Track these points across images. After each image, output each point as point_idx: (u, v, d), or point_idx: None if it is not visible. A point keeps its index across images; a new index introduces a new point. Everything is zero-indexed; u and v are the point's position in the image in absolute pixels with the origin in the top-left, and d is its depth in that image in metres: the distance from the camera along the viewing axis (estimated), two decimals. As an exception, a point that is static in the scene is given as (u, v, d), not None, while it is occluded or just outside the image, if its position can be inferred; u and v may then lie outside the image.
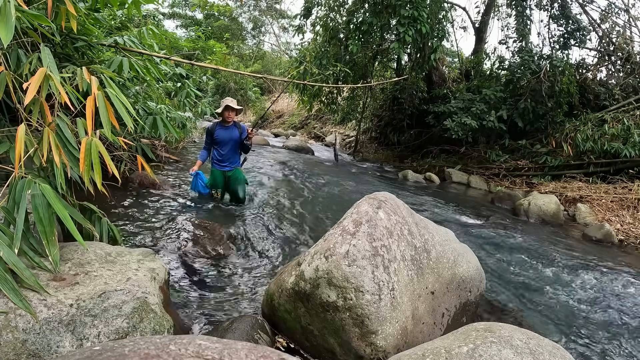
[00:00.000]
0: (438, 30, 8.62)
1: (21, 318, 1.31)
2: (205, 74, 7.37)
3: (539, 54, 9.24)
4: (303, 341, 1.98)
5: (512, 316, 2.78)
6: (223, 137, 4.12)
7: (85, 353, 0.96)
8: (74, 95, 1.93)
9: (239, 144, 4.18)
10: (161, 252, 2.90)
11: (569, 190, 7.08)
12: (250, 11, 25.88)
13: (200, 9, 24.99)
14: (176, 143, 6.97)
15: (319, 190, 5.99)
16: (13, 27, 1.59)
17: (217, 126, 4.15)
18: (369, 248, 1.85)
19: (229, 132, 4.12)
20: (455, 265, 2.28)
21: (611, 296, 3.37)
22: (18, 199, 1.54)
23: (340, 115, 12.66)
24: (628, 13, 10.17)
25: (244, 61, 23.41)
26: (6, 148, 2.01)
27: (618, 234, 5.31)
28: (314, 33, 10.61)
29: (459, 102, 9.21)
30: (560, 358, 1.37)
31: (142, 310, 1.54)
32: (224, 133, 4.12)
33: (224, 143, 4.13)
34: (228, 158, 4.19)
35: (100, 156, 1.72)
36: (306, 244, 3.52)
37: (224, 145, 4.15)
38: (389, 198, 2.18)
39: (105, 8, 4.07)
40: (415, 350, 1.48)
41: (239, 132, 4.15)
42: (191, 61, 4.02)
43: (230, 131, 4.13)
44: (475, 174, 8.91)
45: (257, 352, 1.06)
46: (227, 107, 4.08)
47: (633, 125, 7.33)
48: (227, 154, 4.17)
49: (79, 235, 1.60)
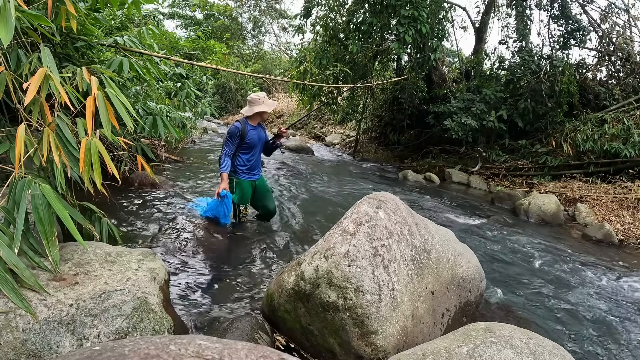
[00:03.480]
0: (438, 30, 8.62)
1: (21, 318, 1.31)
2: (205, 74, 7.37)
3: (539, 54, 9.24)
4: (303, 341, 1.98)
5: (512, 316, 2.78)
6: (254, 139, 3.47)
7: (85, 353, 0.96)
8: (74, 95, 1.93)
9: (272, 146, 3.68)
10: (161, 252, 2.90)
11: (569, 190, 7.08)
12: (250, 11, 25.89)
13: (200, 9, 25.01)
14: (176, 143, 6.97)
15: (319, 190, 5.99)
16: (13, 27, 1.59)
17: (246, 126, 3.47)
18: (369, 248, 1.85)
19: (258, 132, 3.52)
20: (455, 265, 2.28)
21: (611, 296, 3.37)
22: (18, 199, 1.54)
23: (340, 115, 12.66)
24: (628, 13, 10.17)
25: (244, 61, 23.41)
26: (6, 148, 2.01)
27: (618, 234, 5.31)
28: (314, 33, 10.62)
29: (459, 102, 9.21)
30: (560, 358, 1.37)
31: (142, 310, 1.54)
32: (254, 134, 3.48)
33: (255, 146, 3.50)
34: (257, 164, 3.60)
35: (100, 156, 1.72)
36: (306, 244, 3.52)
37: (254, 149, 3.50)
38: (389, 198, 2.18)
39: (105, 8, 4.06)
40: (415, 350, 1.48)
41: (264, 132, 3.64)
42: (191, 61, 4.02)
43: (259, 131, 3.55)
44: (475, 174, 8.91)
45: (257, 352, 1.06)
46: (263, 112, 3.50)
47: (633, 125, 7.33)
48: (257, 159, 3.57)
49: (79, 235, 1.60)
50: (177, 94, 5.87)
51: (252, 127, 3.45)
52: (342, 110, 11.67)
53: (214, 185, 5.35)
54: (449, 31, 10.52)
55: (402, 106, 10.64)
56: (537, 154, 8.47)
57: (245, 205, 3.62)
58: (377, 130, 12.73)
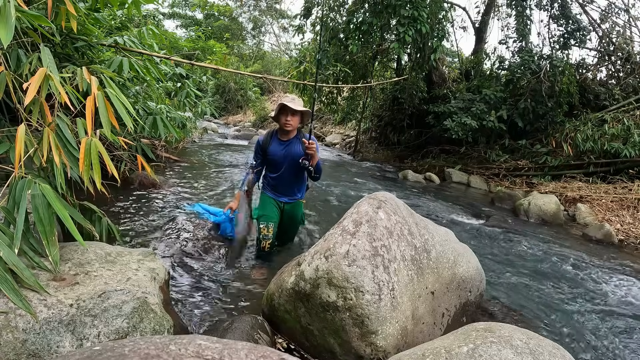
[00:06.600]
0: (438, 30, 8.63)
1: (21, 318, 1.31)
2: (205, 74, 7.37)
3: (539, 54, 9.24)
4: (303, 341, 1.98)
5: (512, 316, 2.78)
6: (278, 155, 2.81)
7: (85, 353, 0.96)
8: (74, 95, 1.93)
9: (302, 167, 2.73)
10: (161, 252, 2.90)
11: (569, 190, 7.08)
12: (250, 11, 25.91)
13: (200, 9, 25.03)
14: (176, 143, 6.97)
15: (319, 190, 5.99)
16: (13, 27, 1.59)
17: (272, 138, 2.85)
18: (369, 248, 1.85)
19: (285, 147, 2.80)
20: (455, 265, 2.28)
21: (611, 296, 3.37)
22: (18, 199, 1.54)
23: (340, 115, 12.67)
24: (628, 13, 10.18)
25: (244, 61, 23.42)
26: (6, 148, 2.01)
27: (618, 234, 5.31)
28: (314, 33, 10.63)
29: (459, 102, 9.21)
30: (560, 358, 1.37)
31: (142, 310, 1.54)
32: (279, 149, 2.81)
33: (279, 164, 2.82)
34: (284, 185, 2.87)
35: (100, 156, 1.72)
36: (306, 244, 3.52)
37: (280, 167, 2.83)
38: (389, 198, 2.18)
39: (105, 8, 4.06)
40: (415, 350, 1.48)
41: (302, 150, 2.69)
42: (191, 61, 4.02)
43: (289, 147, 2.79)
44: (475, 174, 8.91)
45: (257, 352, 1.06)
46: (284, 108, 2.71)
47: (633, 125, 7.34)
48: (283, 180, 2.86)
49: (79, 235, 1.60)
50: (177, 94, 5.87)
51: (279, 141, 2.82)
52: (342, 110, 11.68)
53: (214, 186, 5.35)
54: (449, 31, 10.54)
55: (402, 106, 10.65)
56: (537, 154, 8.48)
57: (267, 224, 2.85)
58: (377, 130, 12.74)
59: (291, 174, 2.83)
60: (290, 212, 2.96)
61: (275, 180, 2.88)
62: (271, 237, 2.88)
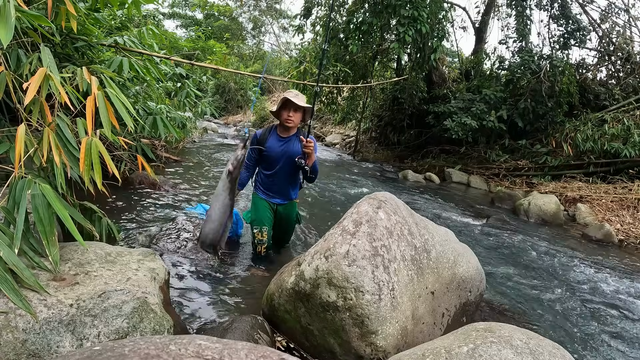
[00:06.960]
0: (438, 30, 8.64)
1: (21, 318, 1.31)
2: (205, 74, 7.37)
3: (539, 54, 9.26)
4: (303, 341, 1.98)
5: (512, 316, 2.78)
6: (275, 152, 2.70)
7: (85, 353, 0.96)
8: (74, 95, 1.92)
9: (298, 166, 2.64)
10: (161, 252, 2.90)
11: (569, 190, 7.08)
12: (250, 11, 25.89)
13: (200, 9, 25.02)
14: (176, 143, 6.97)
15: (318, 190, 5.99)
16: (13, 27, 1.59)
17: (270, 133, 2.74)
18: (369, 248, 1.85)
19: (284, 144, 2.70)
20: (455, 265, 2.28)
21: (611, 296, 3.37)
22: (18, 199, 1.53)
23: (340, 115, 12.67)
24: (628, 13, 10.19)
25: (244, 61, 23.42)
26: (6, 148, 2.01)
27: (618, 234, 5.31)
28: (314, 33, 10.63)
29: (459, 102, 9.22)
30: (560, 358, 1.37)
31: (142, 310, 1.54)
32: (277, 145, 2.70)
33: (275, 162, 2.71)
34: (278, 185, 2.77)
35: (101, 156, 1.72)
36: (306, 244, 3.52)
37: (275, 165, 2.72)
38: (389, 198, 2.18)
39: (105, 8, 4.06)
40: (415, 350, 1.48)
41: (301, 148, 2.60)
42: (191, 61, 4.02)
43: (288, 144, 2.70)
44: (475, 174, 8.91)
45: (257, 352, 1.06)
46: (287, 103, 2.60)
47: (633, 125, 7.34)
48: (277, 179, 2.76)
49: (79, 235, 1.59)
50: (177, 94, 5.87)
51: (278, 137, 2.72)
52: (342, 110, 11.68)
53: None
54: (449, 31, 10.54)
55: (402, 106, 10.65)
56: (537, 154, 8.48)
57: (261, 229, 2.79)
58: (377, 130, 12.74)
59: (286, 173, 2.74)
60: (285, 214, 2.90)
61: (269, 178, 2.78)
62: (266, 241, 2.83)
